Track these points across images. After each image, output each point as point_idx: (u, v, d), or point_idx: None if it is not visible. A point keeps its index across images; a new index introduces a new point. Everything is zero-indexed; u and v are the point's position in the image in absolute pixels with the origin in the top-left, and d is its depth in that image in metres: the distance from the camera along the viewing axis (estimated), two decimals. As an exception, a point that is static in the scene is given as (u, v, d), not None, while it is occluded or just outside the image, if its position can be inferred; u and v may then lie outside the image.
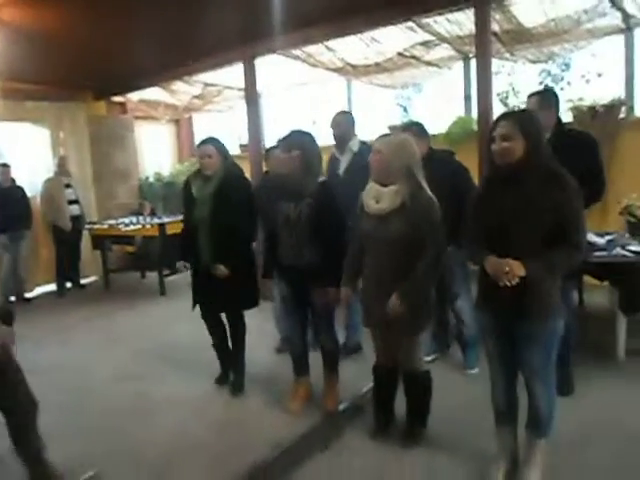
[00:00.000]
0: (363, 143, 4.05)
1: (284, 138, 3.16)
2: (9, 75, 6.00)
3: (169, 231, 6.40)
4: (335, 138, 4.07)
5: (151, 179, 8.70)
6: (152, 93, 7.87)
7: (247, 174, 4.21)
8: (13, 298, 6.35)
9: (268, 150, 4.44)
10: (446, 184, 3.01)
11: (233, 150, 7.83)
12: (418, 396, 2.84)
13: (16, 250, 6.51)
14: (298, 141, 3.07)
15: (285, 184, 3.16)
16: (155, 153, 8.99)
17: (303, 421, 3.15)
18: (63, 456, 2.72)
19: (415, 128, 3.53)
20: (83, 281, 7.40)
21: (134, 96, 8.14)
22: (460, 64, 6.26)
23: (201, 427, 3.24)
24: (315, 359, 3.40)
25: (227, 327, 3.70)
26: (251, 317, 3.73)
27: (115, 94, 8.07)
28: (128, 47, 5.67)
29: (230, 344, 3.72)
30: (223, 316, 3.70)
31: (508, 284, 2.10)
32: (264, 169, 4.99)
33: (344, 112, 4.23)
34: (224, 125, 8.60)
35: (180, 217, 4.39)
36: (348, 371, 3.53)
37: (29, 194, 6.83)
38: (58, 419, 3.33)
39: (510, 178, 2.16)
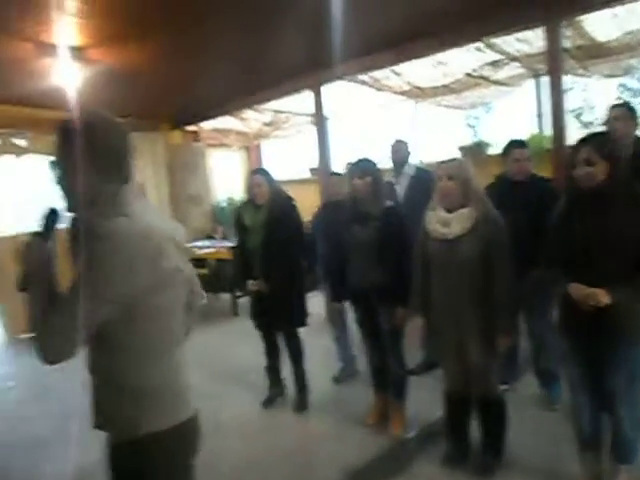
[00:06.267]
0: (419, 168, 4.34)
1: (356, 165, 3.25)
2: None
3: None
4: (394, 163, 4.35)
5: (223, 204, 9.00)
6: (223, 122, 8.19)
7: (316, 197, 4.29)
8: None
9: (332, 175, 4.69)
10: (539, 209, 2.91)
11: (303, 174, 8.03)
12: (494, 423, 2.77)
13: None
14: (371, 168, 3.21)
15: (356, 208, 3.22)
16: (227, 179, 9.33)
17: (370, 446, 3.12)
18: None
19: (524, 147, 3.40)
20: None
21: (207, 125, 8.51)
22: (531, 81, 6.13)
23: (266, 450, 3.27)
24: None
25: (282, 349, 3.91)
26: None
27: (190, 123, 8.47)
28: (203, 78, 5.95)
29: (292, 365, 3.85)
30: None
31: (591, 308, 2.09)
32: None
33: (401, 140, 4.44)
34: (290, 150, 8.84)
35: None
36: (422, 394, 3.47)
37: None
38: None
39: (593, 202, 2.16)
